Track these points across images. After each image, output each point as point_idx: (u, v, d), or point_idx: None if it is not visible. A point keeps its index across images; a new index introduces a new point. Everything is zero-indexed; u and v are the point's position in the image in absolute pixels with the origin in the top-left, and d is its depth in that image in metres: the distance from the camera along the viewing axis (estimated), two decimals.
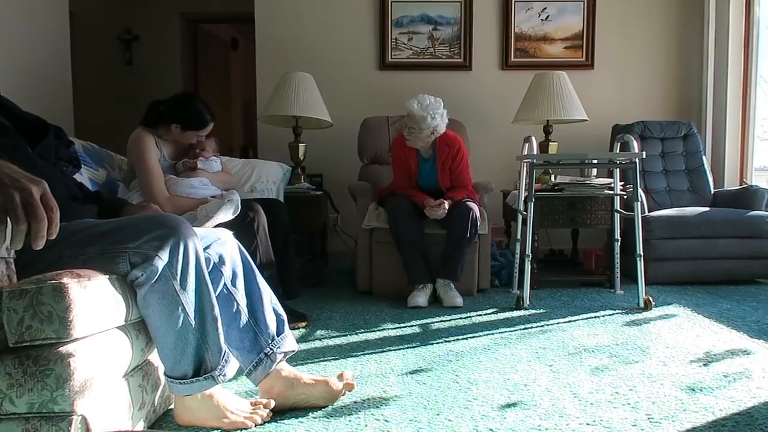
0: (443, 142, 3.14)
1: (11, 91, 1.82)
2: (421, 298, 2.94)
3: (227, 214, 2.34)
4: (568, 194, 3.26)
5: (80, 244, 1.30)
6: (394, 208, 3.05)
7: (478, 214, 3.02)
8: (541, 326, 2.53)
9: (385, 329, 2.51)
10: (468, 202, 3.04)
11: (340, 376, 1.70)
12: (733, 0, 4.05)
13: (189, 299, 1.36)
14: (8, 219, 0.91)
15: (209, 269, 1.50)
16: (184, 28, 5.88)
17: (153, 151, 2.54)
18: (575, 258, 4.12)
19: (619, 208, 3.20)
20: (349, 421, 1.53)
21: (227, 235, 1.67)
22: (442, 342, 2.30)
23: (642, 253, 2.90)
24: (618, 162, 3.05)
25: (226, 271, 1.57)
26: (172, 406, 1.54)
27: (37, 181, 0.94)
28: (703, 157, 4.04)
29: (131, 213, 1.72)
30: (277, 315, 1.66)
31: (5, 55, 3.35)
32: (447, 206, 3.02)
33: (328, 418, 1.55)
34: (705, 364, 1.98)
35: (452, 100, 3.55)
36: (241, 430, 1.45)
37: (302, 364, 2.00)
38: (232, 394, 1.55)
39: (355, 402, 1.66)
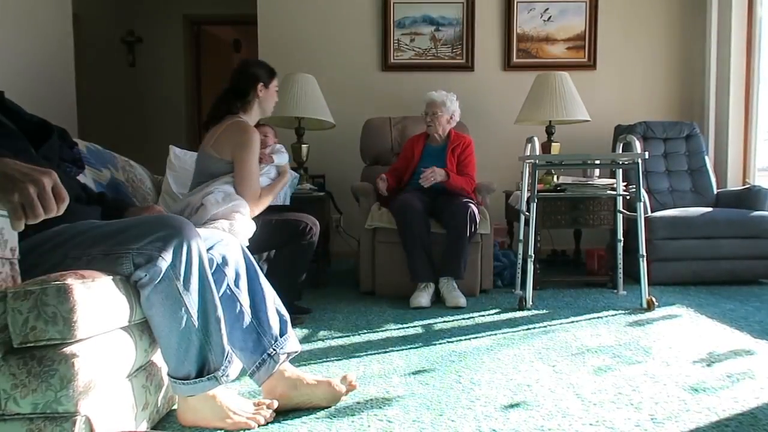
0: (457, 135, 3.39)
1: (15, 93, 1.82)
2: (423, 298, 2.95)
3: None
4: (570, 195, 3.26)
5: (84, 245, 1.30)
6: (402, 204, 3.07)
7: (476, 211, 3.05)
8: (544, 327, 2.53)
9: (387, 330, 2.52)
10: (466, 200, 3.07)
11: (344, 379, 1.70)
12: (736, 0, 4.04)
13: (192, 300, 1.36)
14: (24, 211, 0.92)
15: (212, 270, 1.51)
16: (186, 30, 5.90)
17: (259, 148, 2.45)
18: (578, 258, 4.12)
19: (621, 209, 3.19)
20: (352, 421, 1.53)
21: (230, 236, 1.68)
22: (444, 342, 2.30)
23: (645, 253, 2.89)
24: (620, 162, 3.05)
25: (229, 272, 1.58)
26: (175, 407, 1.54)
27: (47, 172, 0.95)
28: (706, 157, 4.03)
29: (135, 214, 1.73)
30: (280, 316, 1.67)
31: (9, 58, 3.37)
32: (438, 171, 3.15)
33: (331, 418, 1.55)
34: (708, 365, 1.97)
35: None
36: (245, 430, 1.46)
37: (305, 365, 2.01)
38: (235, 395, 1.56)
39: (358, 402, 1.66)
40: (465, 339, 2.35)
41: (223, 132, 2.43)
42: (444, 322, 2.65)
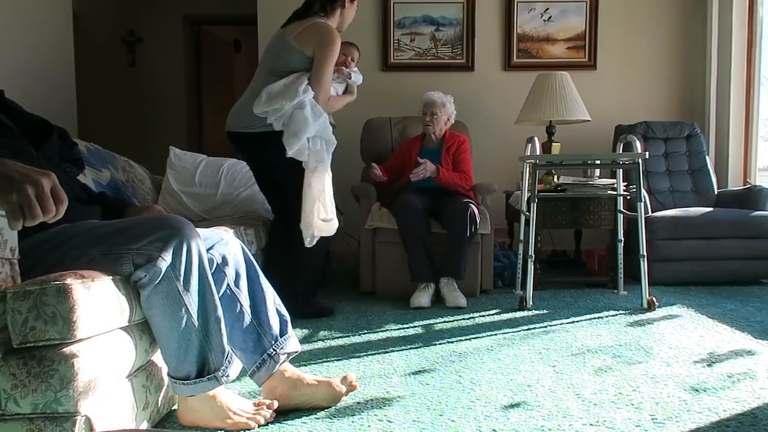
0: (452, 134, 3.43)
1: (15, 92, 1.82)
2: (423, 298, 2.94)
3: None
4: (571, 195, 3.25)
5: (84, 245, 1.30)
6: (403, 204, 3.08)
7: (476, 211, 3.05)
8: (544, 327, 2.53)
9: (388, 330, 2.51)
10: (466, 201, 3.08)
11: (344, 379, 1.70)
12: (737, 0, 4.04)
13: (192, 300, 1.36)
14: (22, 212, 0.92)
15: (212, 270, 1.50)
16: (187, 29, 5.89)
17: None
18: (578, 259, 4.11)
19: (622, 209, 3.19)
20: (353, 421, 1.53)
21: (230, 235, 1.68)
22: (445, 343, 2.30)
23: (645, 253, 2.89)
24: (621, 162, 3.05)
25: (229, 272, 1.57)
26: (175, 407, 1.54)
27: (46, 173, 0.95)
28: (707, 157, 4.03)
29: (134, 214, 1.72)
30: (281, 316, 1.66)
31: (9, 57, 3.36)
32: (429, 165, 3.16)
33: (331, 418, 1.55)
34: (709, 365, 1.97)
35: (455, 100, 3.56)
36: (245, 430, 1.46)
37: (305, 365, 2.00)
38: (235, 395, 1.56)
39: (358, 402, 1.66)
40: (465, 339, 2.35)
41: (308, 28, 2.59)
42: (444, 322, 2.65)
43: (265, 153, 2.65)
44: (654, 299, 2.83)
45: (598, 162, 3.14)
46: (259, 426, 1.48)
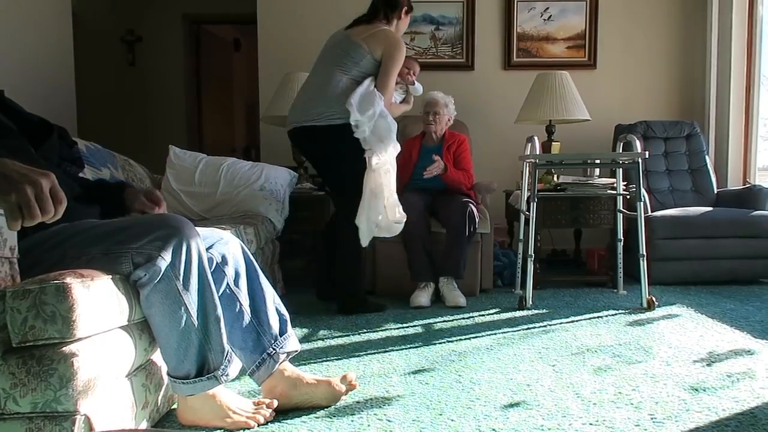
0: (451, 134, 3.45)
1: (15, 91, 1.82)
2: (423, 297, 2.95)
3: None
4: (570, 194, 3.25)
5: (84, 244, 1.30)
6: (403, 203, 3.07)
7: (475, 210, 3.06)
8: (544, 326, 2.53)
9: (387, 329, 2.51)
10: (465, 200, 3.08)
11: (344, 378, 1.70)
12: (737, 0, 4.04)
13: (192, 299, 1.36)
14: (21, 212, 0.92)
15: (212, 269, 1.50)
16: (186, 29, 5.89)
17: None
18: (578, 258, 4.11)
19: (621, 208, 3.19)
20: (352, 420, 1.53)
21: (230, 235, 1.68)
22: (444, 342, 2.30)
23: (645, 253, 2.89)
24: (621, 162, 3.05)
25: (229, 271, 1.57)
26: (175, 406, 1.54)
27: (46, 174, 0.95)
28: (707, 156, 4.02)
29: (133, 195, 1.69)
30: (280, 315, 1.66)
31: (9, 56, 3.36)
32: (441, 163, 3.16)
33: (330, 417, 1.55)
34: (708, 364, 1.97)
35: (455, 100, 3.56)
36: (244, 429, 1.46)
37: (305, 364, 2.00)
38: (235, 394, 1.56)
39: (358, 402, 1.66)
40: (465, 338, 2.35)
41: (377, 33, 2.73)
42: (444, 321, 2.65)
43: (330, 145, 2.72)
44: (653, 299, 2.83)
45: (597, 161, 3.14)
46: (258, 425, 1.48)
